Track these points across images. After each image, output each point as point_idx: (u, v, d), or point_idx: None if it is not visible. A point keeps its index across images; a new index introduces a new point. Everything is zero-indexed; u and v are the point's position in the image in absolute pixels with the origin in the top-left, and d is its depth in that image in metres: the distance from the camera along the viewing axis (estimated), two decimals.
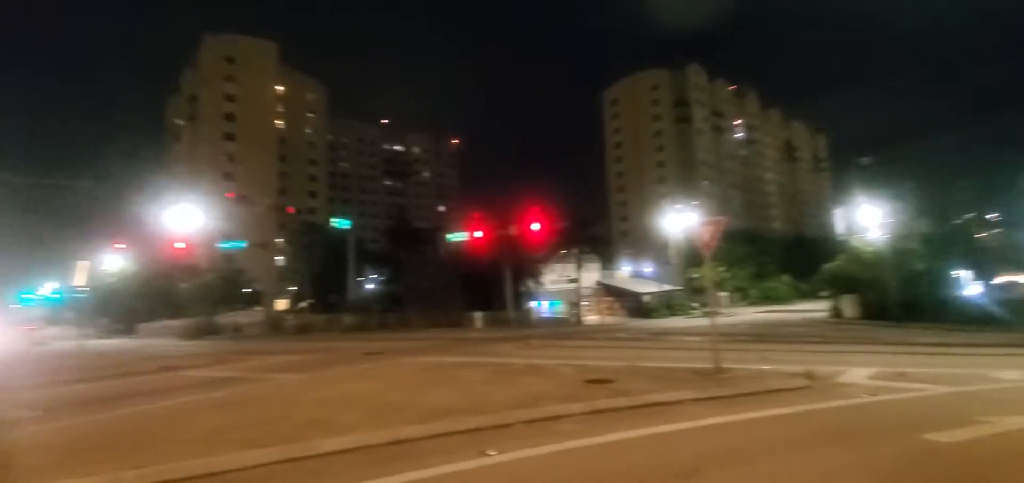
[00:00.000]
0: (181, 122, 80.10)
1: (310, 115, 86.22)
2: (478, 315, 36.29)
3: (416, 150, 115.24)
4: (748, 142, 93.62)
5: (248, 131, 73.12)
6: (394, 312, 35.29)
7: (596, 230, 48.79)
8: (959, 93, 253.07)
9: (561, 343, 22.27)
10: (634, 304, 46.84)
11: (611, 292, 50.49)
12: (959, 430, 5.84)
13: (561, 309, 46.22)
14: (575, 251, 41.80)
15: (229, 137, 72.45)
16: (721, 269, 53.48)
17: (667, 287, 48.82)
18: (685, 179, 78.54)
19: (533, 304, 43.38)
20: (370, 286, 50.41)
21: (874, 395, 8.19)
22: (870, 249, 33.86)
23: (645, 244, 70.91)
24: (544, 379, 10.19)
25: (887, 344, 17.22)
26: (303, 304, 42.40)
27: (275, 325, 37.57)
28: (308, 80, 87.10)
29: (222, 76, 73.31)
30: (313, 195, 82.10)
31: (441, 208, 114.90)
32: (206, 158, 69.61)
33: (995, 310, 23.83)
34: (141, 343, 34.37)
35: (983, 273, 31.72)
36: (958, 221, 38.04)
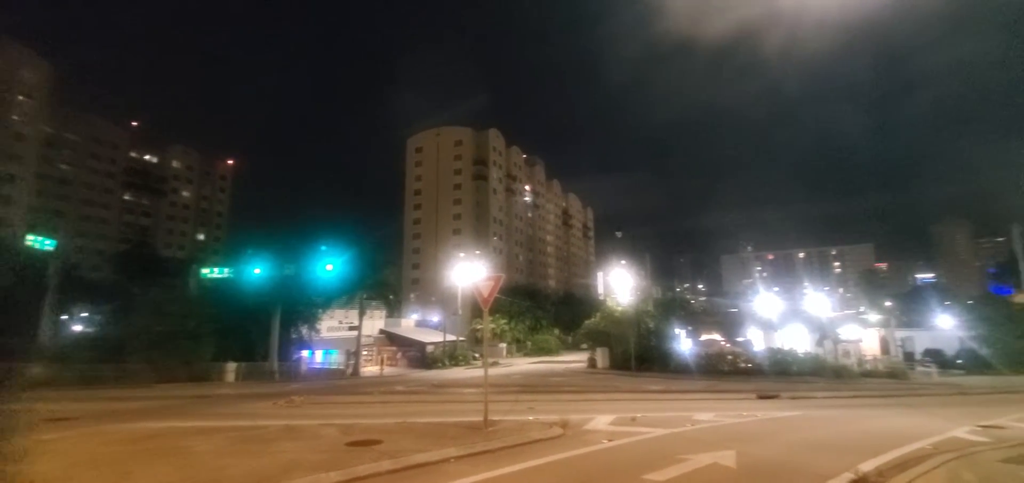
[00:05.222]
0: None
1: (22, 98, 65.75)
2: (232, 366, 30.71)
3: (176, 164, 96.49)
4: (534, 206, 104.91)
5: None
6: (110, 362, 26.29)
7: (385, 275, 47.14)
8: (682, 191, 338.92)
9: (331, 399, 20.29)
10: (418, 354, 46.14)
11: (395, 341, 48.96)
12: (669, 468, 7.10)
13: (337, 359, 42.73)
14: (360, 296, 39.29)
15: None
16: (503, 321, 57.33)
17: (452, 337, 49.72)
18: (478, 233, 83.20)
19: (305, 354, 38.93)
20: (80, 327, 38.40)
21: (612, 441, 9.41)
22: (619, 308, 40.80)
23: (435, 293, 71.96)
24: (299, 444, 8.85)
25: (626, 392, 21.04)
26: None
27: None
28: (27, 53, 68.45)
29: None
30: (5, 201, 61.57)
31: (200, 237, 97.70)
32: None
33: (698, 362, 31.36)
34: None
35: (693, 331, 41.02)
36: (679, 288, 48.99)
